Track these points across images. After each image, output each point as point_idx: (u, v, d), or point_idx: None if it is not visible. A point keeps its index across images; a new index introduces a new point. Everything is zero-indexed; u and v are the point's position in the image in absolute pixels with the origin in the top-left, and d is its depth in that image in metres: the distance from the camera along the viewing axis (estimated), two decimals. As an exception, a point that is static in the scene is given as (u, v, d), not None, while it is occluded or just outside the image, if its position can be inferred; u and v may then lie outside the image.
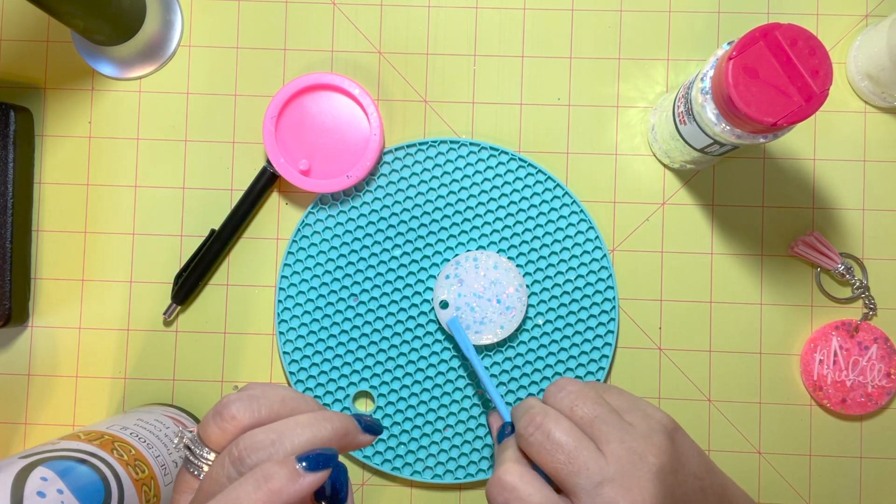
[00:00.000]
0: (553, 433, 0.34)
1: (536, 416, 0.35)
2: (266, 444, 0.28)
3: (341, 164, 0.46)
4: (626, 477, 0.33)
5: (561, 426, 0.34)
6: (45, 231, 0.47)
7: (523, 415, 0.36)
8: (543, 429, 0.34)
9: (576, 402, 0.35)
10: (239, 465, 0.28)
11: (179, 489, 0.30)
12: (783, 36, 0.35)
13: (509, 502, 0.33)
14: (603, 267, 0.46)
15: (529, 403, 0.36)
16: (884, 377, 0.45)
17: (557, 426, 0.34)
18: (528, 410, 0.36)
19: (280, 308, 0.46)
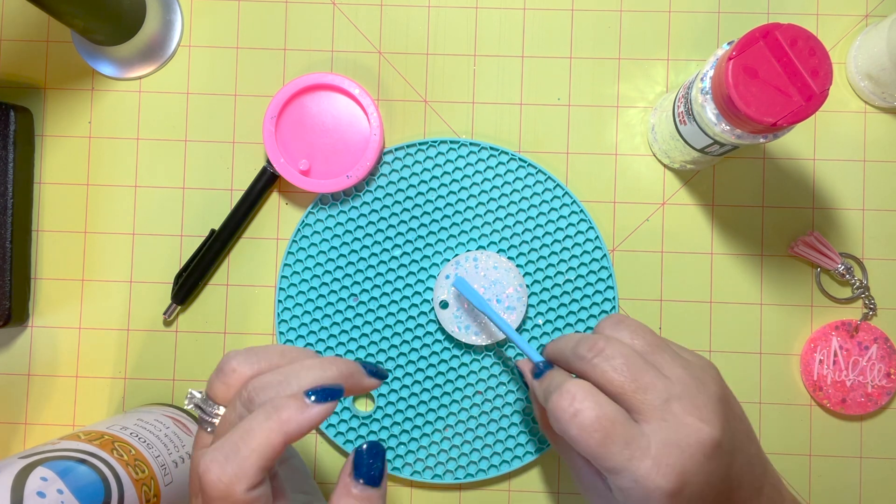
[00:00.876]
0: (615, 356, 0.34)
1: (598, 341, 0.35)
2: (273, 384, 0.30)
3: (341, 164, 0.46)
4: (692, 397, 0.33)
5: (623, 350, 0.34)
6: (45, 231, 0.47)
7: (578, 343, 0.36)
8: (606, 352, 0.34)
9: (636, 332, 0.36)
10: (249, 405, 0.29)
11: (197, 446, 0.32)
12: (783, 36, 0.35)
13: (581, 412, 0.33)
14: (603, 267, 0.46)
15: (578, 336, 0.37)
16: (884, 377, 0.45)
17: (620, 349, 0.34)
18: (584, 339, 0.36)
19: (280, 308, 0.46)
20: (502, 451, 0.45)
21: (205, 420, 0.32)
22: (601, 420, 0.32)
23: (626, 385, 0.33)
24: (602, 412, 0.33)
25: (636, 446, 0.32)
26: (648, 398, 0.33)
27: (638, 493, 0.32)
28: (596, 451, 0.32)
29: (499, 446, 0.45)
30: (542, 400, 0.36)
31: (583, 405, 0.33)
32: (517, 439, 0.45)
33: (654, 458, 0.32)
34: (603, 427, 0.32)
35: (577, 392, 0.33)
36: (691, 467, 0.32)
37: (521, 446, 0.45)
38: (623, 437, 0.32)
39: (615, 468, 0.32)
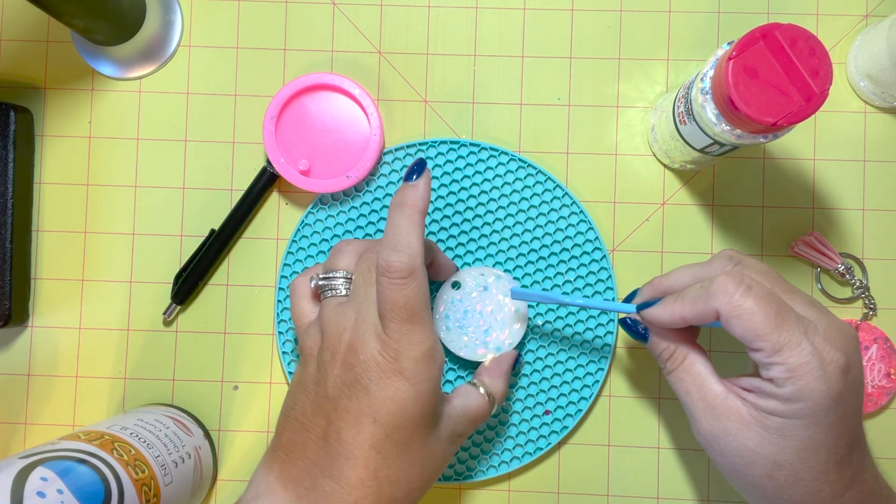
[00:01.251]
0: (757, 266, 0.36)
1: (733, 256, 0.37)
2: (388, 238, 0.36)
3: (341, 164, 0.46)
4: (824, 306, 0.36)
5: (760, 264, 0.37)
6: (45, 231, 0.47)
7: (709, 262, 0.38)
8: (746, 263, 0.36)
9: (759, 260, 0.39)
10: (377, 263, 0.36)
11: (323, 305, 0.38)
12: (783, 36, 0.35)
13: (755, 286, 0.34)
14: (603, 268, 0.46)
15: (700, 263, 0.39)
16: (884, 377, 0.45)
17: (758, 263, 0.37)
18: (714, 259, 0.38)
19: (280, 308, 0.46)
20: (501, 452, 0.45)
21: (329, 288, 0.38)
22: (773, 295, 0.34)
23: (776, 286, 0.35)
24: (772, 289, 0.34)
25: (807, 325, 0.34)
26: (797, 297, 0.35)
27: (813, 367, 0.33)
28: (773, 322, 0.33)
29: (498, 447, 0.45)
30: (689, 304, 0.36)
31: (753, 283, 0.34)
32: (516, 440, 0.45)
33: (823, 335, 0.33)
34: (777, 301, 0.34)
35: (741, 274, 0.34)
36: (852, 352, 0.34)
37: (520, 447, 0.45)
38: (794, 314, 0.34)
39: (791, 341, 0.33)
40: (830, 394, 0.33)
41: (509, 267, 0.46)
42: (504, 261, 0.46)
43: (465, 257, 0.46)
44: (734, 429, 0.35)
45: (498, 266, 0.46)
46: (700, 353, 0.38)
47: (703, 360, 0.37)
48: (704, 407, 0.36)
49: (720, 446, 0.35)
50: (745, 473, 0.35)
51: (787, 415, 0.33)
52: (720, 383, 0.36)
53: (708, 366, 0.37)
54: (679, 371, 0.38)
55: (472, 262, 0.46)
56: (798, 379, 0.33)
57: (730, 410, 0.35)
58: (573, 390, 0.45)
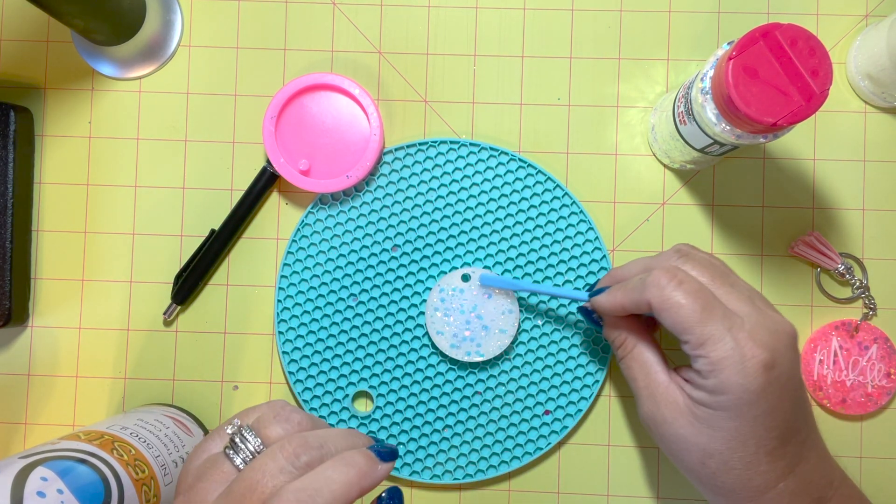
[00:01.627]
0: (701, 260, 0.38)
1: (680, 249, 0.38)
2: (316, 445, 0.31)
3: (341, 164, 0.46)
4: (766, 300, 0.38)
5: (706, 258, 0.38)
6: (45, 231, 0.47)
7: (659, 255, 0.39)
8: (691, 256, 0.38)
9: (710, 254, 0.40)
10: (294, 460, 0.30)
11: (212, 478, 0.31)
12: (783, 36, 0.35)
13: (686, 282, 0.35)
14: (603, 268, 0.46)
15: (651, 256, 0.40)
16: (884, 377, 0.45)
17: (703, 257, 0.38)
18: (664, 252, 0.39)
19: (280, 308, 0.46)
20: (501, 452, 0.45)
21: (238, 448, 0.32)
22: (703, 291, 0.35)
23: (714, 279, 0.37)
24: (702, 285, 0.36)
25: (733, 320, 0.35)
26: (734, 292, 0.36)
27: (733, 363, 0.34)
28: (698, 317, 0.34)
29: (498, 447, 0.45)
30: (628, 294, 0.37)
31: (685, 278, 0.35)
32: (516, 440, 0.45)
33: (749, 331, 0.34)
34: (705, 297, 0.35)
35: (675, 269, 0.36)
36: (780, 349, 0.35)
37: (520, 447, 0.45)
38: (721, 309, 0.35)
39: (714, 336, 0.34)
40: (749, 388, 0.34)
41: (509, 267, 0.46)
42: (504, 261, 0.46)
43: (466, 257, 0.46)
44: (670, 416, 0.37)
45: (498, 266, 0.46)
46: (649, 343, 0.39)
47: (651, 350, 0.39)
48: (648, 394, 0.38)
49: (659, 432, 0.38)
50: (682, 459, 0.37)
51: (713, 406, 0.35)
52: (665, 373, 0.38)
53: (655, 355, 0.39)
54: (628, 358, 0.40)
55: (473, 263, 0.46)
56: (719, 372, 0.34)
57: (668, 399, 0.37)
58: (573, 390, 0.45)
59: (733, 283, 0.37)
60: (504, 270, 0.46)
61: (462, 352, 0.45)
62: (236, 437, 0.32)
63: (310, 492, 0.29)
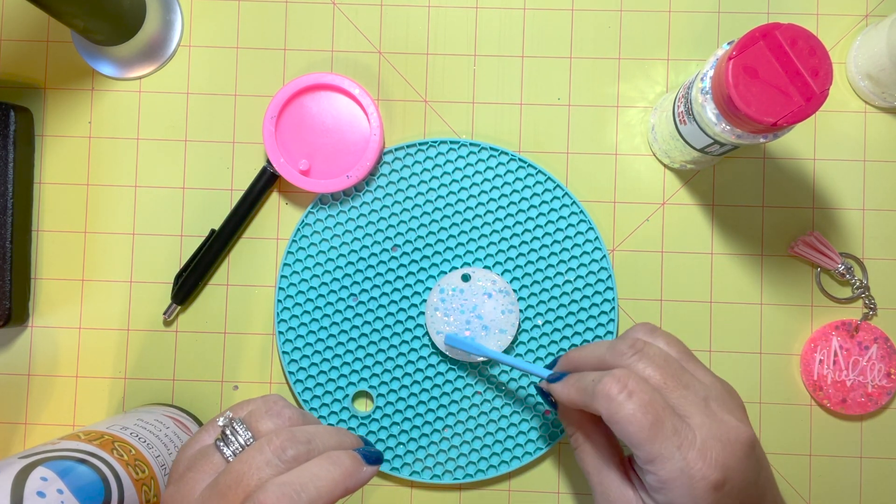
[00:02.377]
0: (657, 356, 0.35)
1: (637, 341, 0.36)
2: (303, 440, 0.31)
3: (341, 164, 0.46)
4: (726, 400, 0.35)
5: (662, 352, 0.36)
6: (45, 231, 0.47)
7: (614, 344, 0.37)
8: (646, 351, 0.36)
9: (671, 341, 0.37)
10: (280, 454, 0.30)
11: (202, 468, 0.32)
12: (783, 36, 0.35)
13: (635, 393, 0.33)
14: (602, 268, 0.46)
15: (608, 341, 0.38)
16: (884, 377, 0.45)
17: (659, 350, 0.36)
18: (621, 339, 0.37)
19: (280, 308, 0.46)
20: (501, 452, 0.45)
21: (229, 440, 0.32)
22: (653, 403, 0.33)
23: (668, 381, 0.34)
24: (653, 396, 0.33)
25: (683, 436, 0.33)
26: (689, 395, 0.34)
27: (682, 483, 0.33)
28: (647, 434, 0.33)
29: (498, 447, 0.45)
30: (579, 394, 0.36)
31: (635, 388, 0.33)
32: (516, 440, 0.45)
33: (699, 449, 0.33)
34: (655, 410, 0.33)
35: (627, 376, 0.34)
36: (733, 463, 0.33)
37: (520, 447, 0.45)
38: (672, 424, 0.33)
39: (662, 455, 0.33)
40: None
41: (509, 267, 0.46)
42: (504, 261, 0.46)
43: (465, 257, 0.46)
44: None
45: (497, 266, 0.46)
46: (602, 438, 0.38)
47: (604, 446, 0.38)
48: (602, 491, 0.37)
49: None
50: None
51: None
52: (617, 470, 0.37)
53: (608, 451, 0.37)
54: (579, 451, 0.39)
55: (473, 263, 0.46)
56: (668, 491, 0.33)
57: (622, 500, 0.36)
58: (573, 390, 0.45)
59: (687, 382, 0.35)
60: (504, 271, 0.46)
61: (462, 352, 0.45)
62: (227, 429, 0.32)
63: (295, 486, 0.29)
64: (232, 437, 0.32)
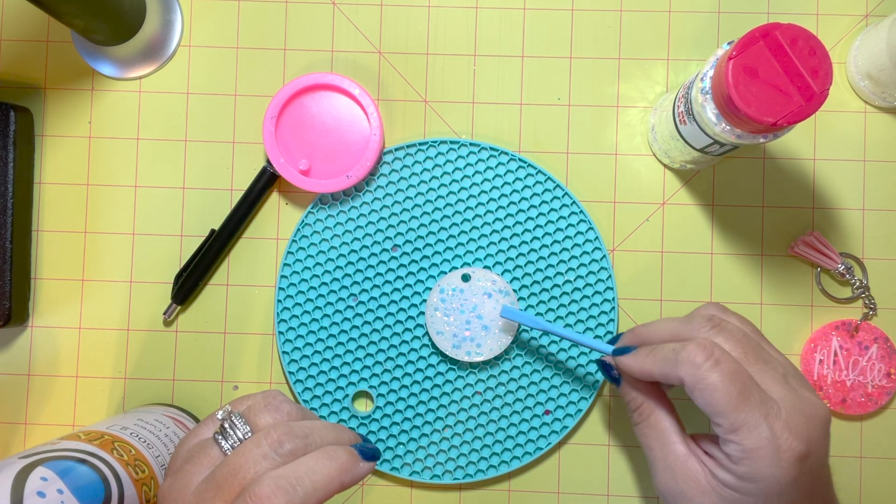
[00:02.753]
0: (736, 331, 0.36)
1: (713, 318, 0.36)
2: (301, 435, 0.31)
3: (341, 164, 0.46)
4: (800, 377, 0.36)
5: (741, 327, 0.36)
6: (45, 231, 0.47)
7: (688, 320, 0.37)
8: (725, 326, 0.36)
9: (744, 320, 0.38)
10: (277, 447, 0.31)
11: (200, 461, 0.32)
12: (783, 36, 0.35)
13: (722, 361, 0.33)
14: (602, 268, 0.46)
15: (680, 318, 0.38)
16: (884, 377, 0.45)
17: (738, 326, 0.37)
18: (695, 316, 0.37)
19: (280, 308, 0.46)
20: (501, 452, 0.45)
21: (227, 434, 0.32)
22: (740, 373, 0.33)
23: (748, 355, 0.35)
24: (739, 366, 0.34)
25: (770, 407, 0.33)
26: (769, 370, 0.34)
27: (768, 453, 0.33)
28: (734, 403, 0.33)
29: (498, 447, 0.45)
30: (658, 364, 0.36)
31: (721, 357, 0.34)
32: (516, 440, 0.45)
33: (785, 420, 0.33)
34: (742, 380, 0.33)
35: (713, 346, 0.34)
36: (815, 437, 0.33)
37: (520, 447, 0.45)
38: (759, 394, 0.33)
39: (749, 423, 0.33)
40: (782, 480, 0.33)
41: (509, 267, 0.46)
42: (504, 261, 0.46)
43: (465, 257, 0.46)
44: (690, 493, 0.35)
45: (497, 266, 0.46)
46: (667, 411, 0.38)
47: (670, 419, 0.38)
48: (665, 466, 0.36)
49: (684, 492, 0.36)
50: None
51: (741, 491, 0.34)
52: (683, 443, 0.37)
53: (674, 424, 0.37)
54: (643, 425, 0.38)
55: (473, 263, 0.46)
56: (752, 461, 0.33)
57: (688, 474, 0.36)
58: (573, 390, 0.45)
59: (767, 359, 0.35)
60: (504, 271, 0.46)
61: (462, 352, 0.45)
62: (226, 422, 0.32)
63: (291, 480, 0.29)
64: (230, 430, 0.32)
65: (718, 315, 0.37)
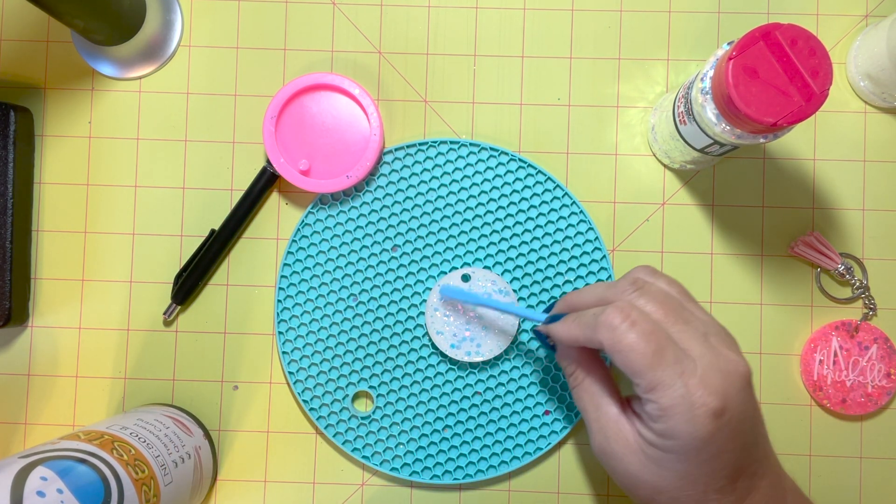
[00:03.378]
0: (657, 293, 0.36)
1: (636, 281, 0.37)
2: None
3: (341, 164, 0.46)
4: (723, 336, 0.36)
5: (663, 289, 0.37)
6: (45, 231, 0.47)
7: (613, 284, 0.38)
8: (647, 288, 0.36)
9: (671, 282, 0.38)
10: None
11: None
12: (783, 36, 0.35)
13: (638, 322, 0.34)
14: (602, 268, 0.46)
15: (606, 283, 0.39)
16: (884, 377, 0.45)
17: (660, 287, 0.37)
18: (621, 279, 0.38)
19: (280, 308, 0.46)
20: (501, 452, 0.45)
21: None
22: (656, 332, 0.34)
23: (668, 316, 0.35)
24: (655, 326, 0.34)
25: (685, 365, 0.34)
26: (689, 329, 0.35)
27: (682, 410, 0.33)
28: (649, 362, 0.33)
29: (498, 447, 0.45)
30: (581, 329, 0.36)
31: (637, 318, 0.34)
32: (516, 440, 0.45)
33: (700, 377, 0.33)
34: (658, 339, 0.34)
35: (630, 308, 0.35)
36: (732, 393, 0.34)
37: (520, 447, 0.45)
38: (674, 353, 0.34)
39: (664, 382, 0.33)
40: (697, 435, 0.33)
41: (509, 267, 0.46)
42: (504, 260, 0.46)
43: (465, 257, 0.46)
44: (620, 452, 0.36)
45: (497, 266, 0.46)
46: (600, 373, 0.39)
47: (602, 381, 0.38)
48: (598, 428, 0.37)
49: (610, 465, 0.37)
50: (632, 493, 0.37)
51: (662, 448, 0.34)
52: (616, 405, 0.37)
53: (606, 387, 0.38)
54: (579, 389, 0.39)
55: (473, 263, 0.46)
56: (668, 419, 0.34)
57: (619, 434, 0.36)
58: (573, 390, 0.45)
59: (687, 318, 0.36)
60: (504, 271, 0.46)
61: (462, 352, 0.45)
62: None
63: None
64: None
65: (643, 277, 0.38)
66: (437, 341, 0.45)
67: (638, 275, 0.38)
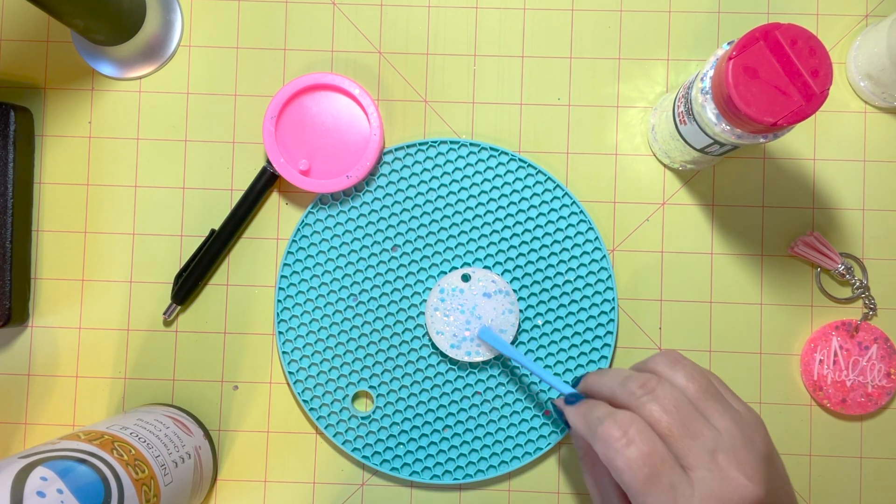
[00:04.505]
0: (667, 398, 0.34)
1: (650, 380, 0.35)
2: None
3: (341, 164, 0.46)
4: (738, 451, 0.33)
5: (675, 393, 0.34)
6: (45, 231, 0.47)
7: (628, 378, 0.35)
8: (657, 393, 0.34)
9: (691, 376, 0.35)
10: None
11: None
12: (783, 36, 0.35)
13: (633, 443, 0.33)
14: (602, 268, 0.46)
15: (627, 371, 0.37)
16: (884, 377, 0.45)
17: (672, 392, 0.34)
18: (635, 375, 0.35)
19: (280, 308, 0.46)
20: (501, 452, 0.45)
21: None
22: (652, 456, 0.32)
23: (673, 429, 0.33)
24: (653, 448, 0.32)
25: (680, 492, 0.32)
26: (695, 446, 0.33)
27: None
28: (640, 487, 0.32)
29: (498, 447, 0.45)
30: (585, 428, 0.35)
31: (636, 437, 0.33)
32: (516, 440, 0.45)
33: (698, 501, 0.32)
34: (652, 464, 0.32)
35: (630, 423, 0.33)
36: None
37: (520, 447, 0.45)
38: (669, 478, 0.32)
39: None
40: None
41: (509, 267, 0.46)
42: (504, 261, 0.46)
43: (466, 257, 0.46)
44: None
45: (497, 266, 0.46)
46: (604, 468, 0.38)
47: (607, 475, 0.37)
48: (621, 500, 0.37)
49: None
50: None
51: None
52: (620, 499, 0.37)
53: (610, 480, 0.37)
54: (587, 474, 0.39)
55: (473, 263, 0.46)
56: None
57: None
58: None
59: (696, 431, 0.33)
60: (504, 271, 0.46)
61: (462, 352, 0.45)
62: None
63: None
64: None
65: (661, 371, 0.36)
66: (437, 341, 0.45)
67: (657, 367, 0.36)
